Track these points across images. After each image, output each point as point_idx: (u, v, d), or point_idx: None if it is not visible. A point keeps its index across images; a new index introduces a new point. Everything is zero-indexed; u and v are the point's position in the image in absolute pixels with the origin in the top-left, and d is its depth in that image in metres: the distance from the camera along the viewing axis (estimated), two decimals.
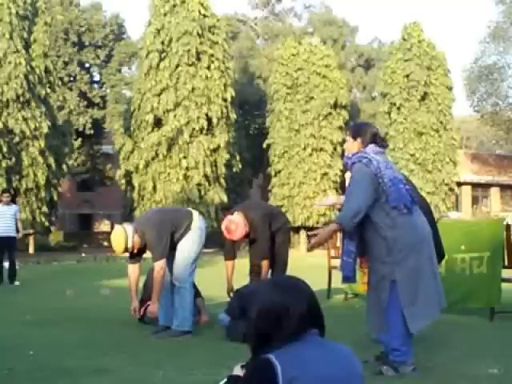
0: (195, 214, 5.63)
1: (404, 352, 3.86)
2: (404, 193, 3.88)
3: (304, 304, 1.88)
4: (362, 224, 3.91)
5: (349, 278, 4.05)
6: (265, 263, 5.92)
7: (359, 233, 3.97)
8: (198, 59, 25.32)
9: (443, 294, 4.01)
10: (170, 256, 5.39)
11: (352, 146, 4.11)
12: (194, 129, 24.78)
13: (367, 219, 3.90)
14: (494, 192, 35.20)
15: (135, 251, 5.40)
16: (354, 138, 4.12)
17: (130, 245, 5.27)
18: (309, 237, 4.06)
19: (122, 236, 5.26)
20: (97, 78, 38.61)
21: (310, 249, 4.06)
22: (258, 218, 5.89)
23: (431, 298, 3.89)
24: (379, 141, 4.11)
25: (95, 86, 37.92)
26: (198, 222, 5.53)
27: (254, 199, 29.50)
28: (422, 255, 3.88)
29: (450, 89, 28.99)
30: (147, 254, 5.51)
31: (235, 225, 5.80)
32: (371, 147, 4.03)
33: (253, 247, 6.07)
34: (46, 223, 23.95)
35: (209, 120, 25.02)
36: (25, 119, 22.27)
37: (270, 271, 6.14)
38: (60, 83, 28.99)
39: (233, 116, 26.15)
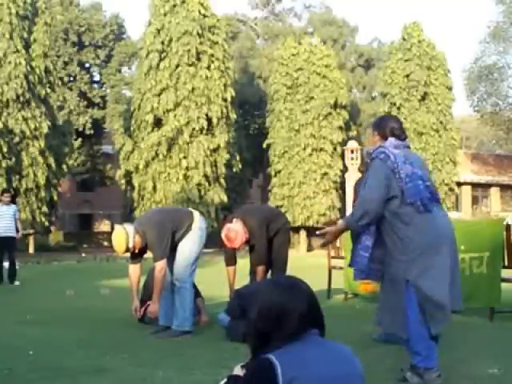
0: (196, 214, 5.62)
1: (426, 356, 3.66)
2: (421, 189, 3.71)
3: (304, 304, 1.88)
4: (380, 221, 3.80)
5: (362, 273, 3.92)
6: (260, 269, 5.94)
7: (377, 228, 3.87)
8: (198, 59, 25.32)
9: (458, 297, 3.79)
10: (171, 256, 5.39)
11: (373, 139, 4.04)
12: (194, 129, 24.78)
13: (384, 217, 3.78)
14: (494, 192, 35.20)
15: (136, 251, 5.40)
16: (374, 131, 4.03)
17: (131, 245, 5.27)
18: (317, 235, 4.09)
19: (123, 236, 5.25)
20: (97, 78, 38.63)
21: (323, 246, 4.16)
22: (256, 225, 5.89)
23: (445, 300, 3.68)
24: (399, 133, 3.97)
25: (95, 85, 37.92)
26: (198, 223, 5.53)
27: (252, 204, 29.57)
28: (440, 255, 3.68)
29: (450, 89, 29.00)
30: (148, 254, 5.52)
31: (235, 233, 5.79)
32: (390, 141, 3.90)
33: (252, 253, 6.08)
34: (46, 223, 23.95)
35: (209, 120, 25.02)
36: (25, 119, 22.28)
37: (269, 271, 6.15)
38: (60, 83, 29.01)
39: (233, 116, 26.15)
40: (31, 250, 23.97)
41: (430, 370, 3.65)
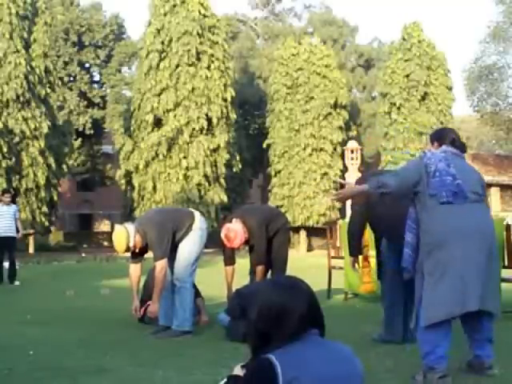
0: (197, 214, 5.63)
1: (427, 353, 3.67)
2: (447, 183, 3.73)
3: (304, 304, 1.87)
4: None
5: (406, 269, 4.01)
6: (259, 269, 5.95)
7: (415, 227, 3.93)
8: (198, 59, 25.33)
9: (470, 296, 3.65)
10: (171, 256, 5.40)
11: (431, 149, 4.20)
12: (194, 129, 24.78)
13: (417, 210, 3.88)
14: (494, 192, 35.15)
15: (137, 250, 5.40)
16: (432, 142, 4.18)
17: (131, 244, 5.27)
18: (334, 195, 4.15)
19: (124, 235, 5.25)
20: (97, 78, 38.63)
21: (337, 200, 4.14)
22: (256, 225, 5.89)
23: (445, 298, 3.63)
24: (458, 144, 4.03)
25: (95, 85, 37.92)
26: (199, 223, 5.52)
27: (252, 204, 29.53)
28: (449, 252, 3.65)
29: (450, 89, 29.02)
30: (148, 254, 5.52)
31: (234, 233, 5.80)
32: (443, 147, 3.99)
33: (252, 253, 6.08)
34: (46, 223, 23.95)
35: (209, 120, 25.03)
36: (25, 119, 22.28)
37: (269, 271, 6.15)
38: (60, 83, 29.01)
39: (233, 116, 26.16)
40: (31, 250, 23.95)
41: (433, 370, 3.63)
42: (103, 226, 41.94)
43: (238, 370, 2.00)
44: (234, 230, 5.80)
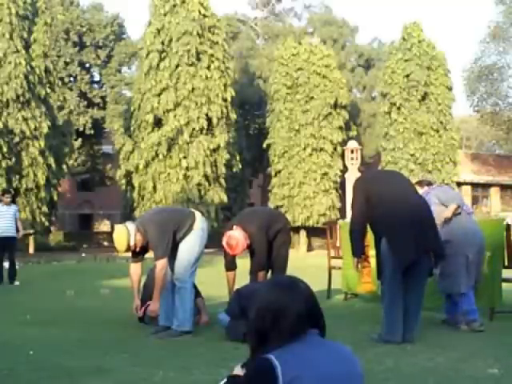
0: (198, 214, 5.63)
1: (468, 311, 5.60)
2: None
3: (302, 304, 1.87)
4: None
5: None
6: (261, 274, 5.96)
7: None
8: (198, 59, 25.32)
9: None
10: (172, 256, 5.40)
11: (423, 190, 5.99)
12: (194, 129, 24.77)
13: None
14: (494, 192, 35.16)
15: (137, 250, 5.41)
16: (423, 186, 6.14)
17: (132, 243, 5.27)
18: None
19: (125, 234, 5.25)
20: (97, 78, 38.61)
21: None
22: (256, 231, 5.89)
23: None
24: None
25: (95, 86, 37.91)
26: (200, 223, 5.53)
27: (252, 207, 29.50)
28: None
29: (450, 89, 28.98)
30: (148, 254, 5.52)
31: (235, 240, 5.80)
32: (432, 187, 6.15)
33: (253, 257, 6.08)
34: (46, 223, 23.94)
35: (209, 120, 25.02)
36: (25, 119, 22.27)
37: (270, 271, 6.16)
38: (60, 83, 28.99)
39: (233, 116, 26.15)
40: (31, 250, 23.96)
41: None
42: (103, 225, 41.93)
43: (238, 370, 2.00)
44: (236, 238, 5.81)
